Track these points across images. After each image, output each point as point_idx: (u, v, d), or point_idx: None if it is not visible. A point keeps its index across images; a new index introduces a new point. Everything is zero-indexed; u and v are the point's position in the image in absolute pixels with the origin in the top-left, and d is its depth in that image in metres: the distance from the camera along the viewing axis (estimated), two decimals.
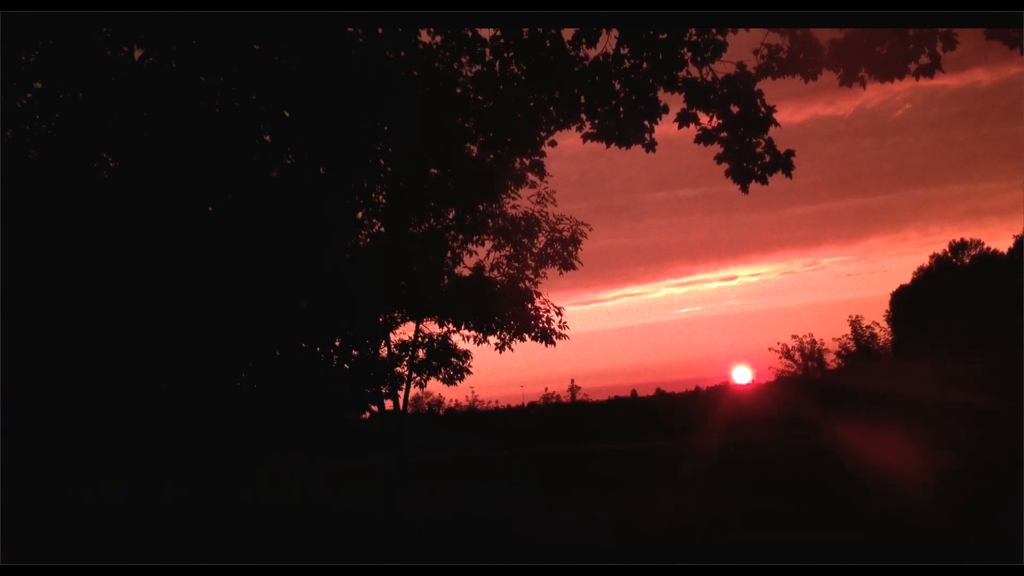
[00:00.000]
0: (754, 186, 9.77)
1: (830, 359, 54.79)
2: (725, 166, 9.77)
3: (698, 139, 9.56)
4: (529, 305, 22.83)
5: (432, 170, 15.89)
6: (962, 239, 75.96)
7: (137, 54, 13.19)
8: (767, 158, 9.54)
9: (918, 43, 8.30)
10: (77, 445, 15.30)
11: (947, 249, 75.34)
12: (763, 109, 9.42)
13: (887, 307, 73.66)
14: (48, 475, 15.98)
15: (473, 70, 11.46)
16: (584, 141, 9.63)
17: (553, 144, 12.98)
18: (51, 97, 13.69)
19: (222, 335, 15.25)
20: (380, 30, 11.27)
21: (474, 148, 14.76)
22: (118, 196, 14.04)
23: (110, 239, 13.65)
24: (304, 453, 26.92)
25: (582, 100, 9.62)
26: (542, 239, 23.13)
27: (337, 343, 20.68)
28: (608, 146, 9.55)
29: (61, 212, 13.44)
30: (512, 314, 22.61)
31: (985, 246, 73.96)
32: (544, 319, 22.83)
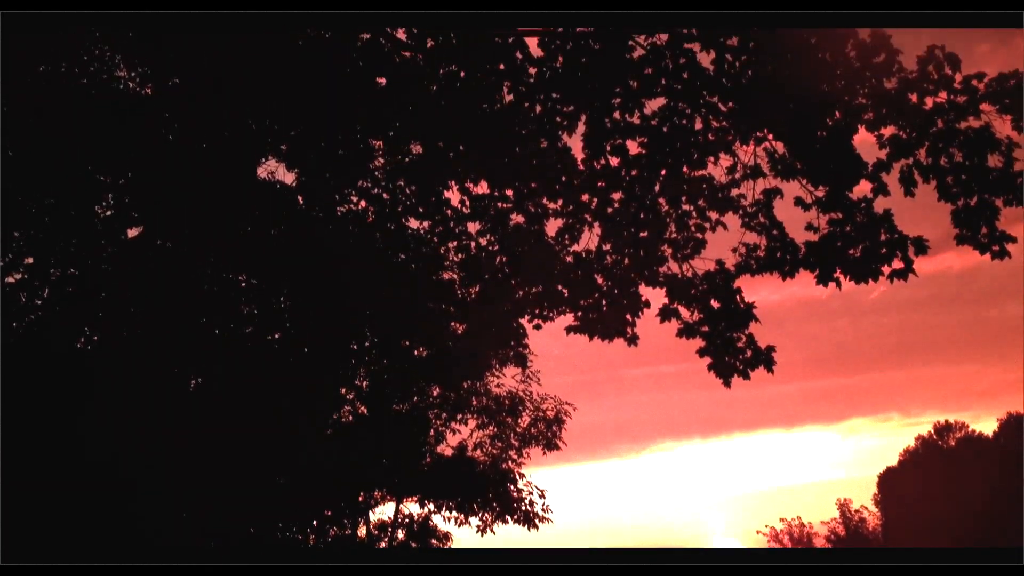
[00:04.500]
0: None
1: (819, 543, 53.47)
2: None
3: (680, 333, 9.68)
4: (512, 487, 22.36)
5: (416, 351, 15.95)
6: (947, 421, 75.87)
7: (131, 232, 13.45)
8: (748, 353, 9.62)
9: (891, 248, 8.56)
10: None
11: (932, 431, 75.13)
12: (743, 305, 9.58)
13: (875, 488, 72.69)
14: None
15: (459, 257, 11.70)
16: (567, 333, 9.72)
17: (538, 328, 13.09)
18: (42, 272, 13.83)
19: (191, 510, 14.82)
20: (370, 218, 11.56)
21: (459, 327, 14.87)
22: (100, 370, 13.97)
23: (90, 414, 13.48)
24: None
25: (565, 294, 9.78)
26: (526, 418, 22.93)
27: (315, 523, 20.10)
28: (591, 339, 9.64)
29: (45, 387, 13.32)
30: (494, 496, 22.09)
31: (970, 429, 73.80)
32: (527, 502, 22.31)
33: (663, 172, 9.57)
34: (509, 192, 10.03)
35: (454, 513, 22.63)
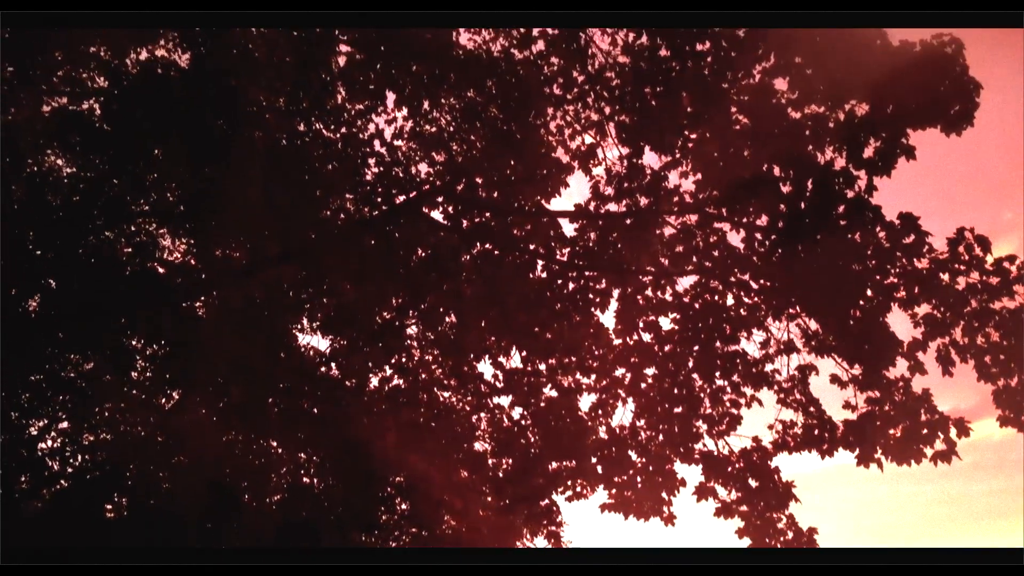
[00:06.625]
0: None
1: None
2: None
3: (717, 513, 9.39)
4: None
5: (446, 522, 15.62)
6: None
7: (165, 403, 13.53)
8: (789, 535, 9.30)
9: (932, 428, 8.36)
10: None
11: None
12: (782, 484, 9.33)
13: None
14: None
15: (491, 429, 11.63)
16: (602, 512, 9.49)
17: (570, 501, 12.81)
18: (75, 438, 13.87)
19: None
20: (403, 398, 11.60)
21: (490, 497, 14.59)
22: (127, 537, 13.79)
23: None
24: None
25: (599, 470, 9.60)
26: None
27: None
28: (626, 519, 9.38)
29: (70, 552, 13.13)
30: None
31: None
32: None
33: (696, 348, 9.57)
34: (542, 366, 10.05)
35: None
